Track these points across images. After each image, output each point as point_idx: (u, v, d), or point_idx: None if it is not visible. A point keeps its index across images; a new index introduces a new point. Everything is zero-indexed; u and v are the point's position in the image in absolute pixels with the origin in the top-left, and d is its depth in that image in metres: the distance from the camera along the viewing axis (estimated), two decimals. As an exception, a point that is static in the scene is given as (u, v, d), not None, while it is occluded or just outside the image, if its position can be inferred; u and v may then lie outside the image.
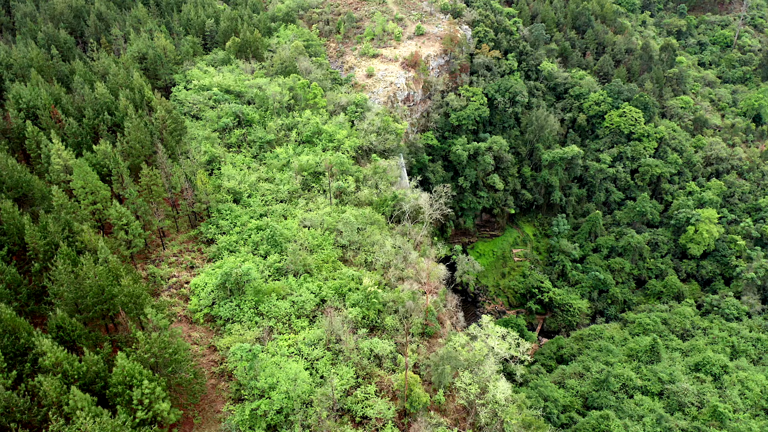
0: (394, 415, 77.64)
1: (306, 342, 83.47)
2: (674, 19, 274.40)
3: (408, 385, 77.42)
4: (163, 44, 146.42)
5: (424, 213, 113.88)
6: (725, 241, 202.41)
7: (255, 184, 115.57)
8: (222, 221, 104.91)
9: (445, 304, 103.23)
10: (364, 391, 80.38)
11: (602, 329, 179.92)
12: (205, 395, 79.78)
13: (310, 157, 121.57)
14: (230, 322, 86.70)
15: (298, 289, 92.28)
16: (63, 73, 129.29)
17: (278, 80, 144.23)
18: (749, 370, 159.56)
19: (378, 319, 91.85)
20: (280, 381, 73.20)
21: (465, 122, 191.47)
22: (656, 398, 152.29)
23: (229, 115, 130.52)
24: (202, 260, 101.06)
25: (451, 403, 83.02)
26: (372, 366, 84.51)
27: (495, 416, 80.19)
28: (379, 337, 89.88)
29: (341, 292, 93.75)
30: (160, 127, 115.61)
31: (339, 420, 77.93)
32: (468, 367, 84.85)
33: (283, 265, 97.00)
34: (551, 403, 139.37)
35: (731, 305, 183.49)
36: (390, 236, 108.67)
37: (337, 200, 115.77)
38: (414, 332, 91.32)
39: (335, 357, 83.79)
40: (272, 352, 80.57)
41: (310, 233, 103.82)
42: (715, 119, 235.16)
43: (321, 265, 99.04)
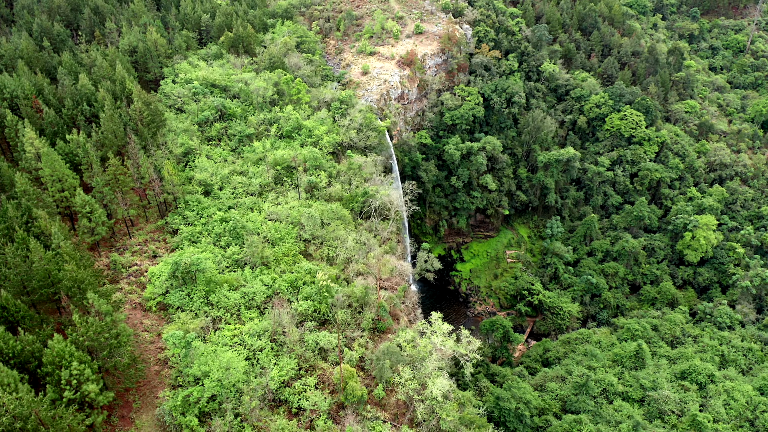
0: (329, 407, 78.42)
1: (250, 333, 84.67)
2: (687, 23, 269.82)
3: (343, 378, 78.15)
4: (154, 38, 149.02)
5: (390, 210, 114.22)
6: (724, 248, 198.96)
7: (227, 177, 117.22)
8: (188, 212, 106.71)
9: (403, 301, 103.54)
10: (303, 383, 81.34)
11: (590, 334, 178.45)
12: (146, 380, 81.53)
13: (286, 152, 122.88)
14: (181, 310, 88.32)
15: (251, 281, 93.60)
16: (51, 65, 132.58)
17: (264, 75, 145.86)
18: (737, 381, 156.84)
19: (330, 313, 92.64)
20: (213, 369, 74.47)
21: (459, 122, 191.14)
22: (636, 405, 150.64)
23: (210, 109, 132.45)
24: (165, 250, 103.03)
25: (391, 398, 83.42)
26: (316, 359, 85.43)
27: (432, 413, 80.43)
28: (329, 331, 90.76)
29: (296, 285, 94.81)
30: (137, 119, 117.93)
31: (275, 410, 79.02)
32: (410, 363, 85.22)
33: (242, 256, 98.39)
34: (523, 404, 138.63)
35: (724, 314, 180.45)
36: (355, 232, 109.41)
37: (308, 195, 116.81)
38: (365, 327, 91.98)
39: (280, 348, 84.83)
40: (214, 341, 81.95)
41: (273, 226, 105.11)
42: (722, 125, 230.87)
43: (280, 258, 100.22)
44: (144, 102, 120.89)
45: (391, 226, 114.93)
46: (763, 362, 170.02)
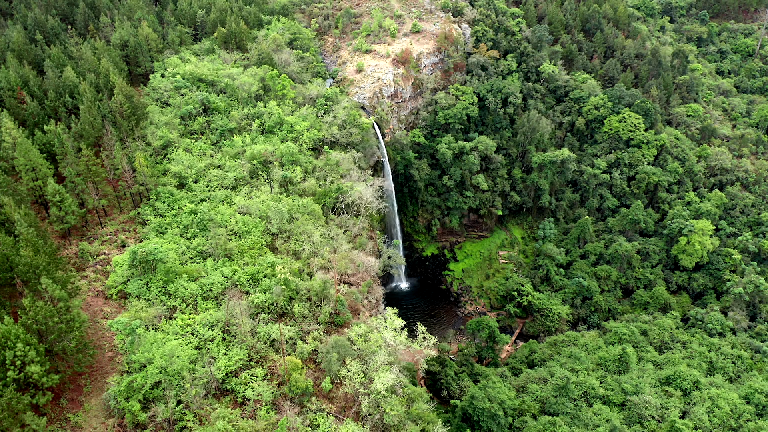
0: (272, 397, 79.54)
1: (203, 323, 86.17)
2: (695, 26, 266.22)
3: (287, 370, 79.22)
4: (145, 33, 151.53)
5: (360, 206, 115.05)
6: (720, 254, 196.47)
7: (203, 170, 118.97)
8: (159, 204, 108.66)
9: (366, 296, 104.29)
10: (251, 374, 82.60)
11: (577, 336, 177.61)
12: (99, 366, 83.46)
13: (263, 146, 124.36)
14: (139, 299, 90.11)
15: (211, 273, 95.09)
16: (41, 58, 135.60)
17: (251, 71, 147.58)
18: (723, 388, 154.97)
19: (288, 305, 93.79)
20: (156, 357, 76.01)
21: (452, 121, 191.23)
22: (617, 409, 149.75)
23: (194, 103, 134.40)
24: (135, 240, 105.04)
25: (339, 391, 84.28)
26: (268, 350, 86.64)
27: (377, 407, 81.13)
28: (286, 323, 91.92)
29: (256, 277, 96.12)
30: (117, 111, 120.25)
31: (221, 399, 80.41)
32: (359, 357, 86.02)
33: (206, 248, 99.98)
34: (497, 404, 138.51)
35: (715, 320, 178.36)
36: (324, 227, 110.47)
37: (283, 190, 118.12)
38: (322, 321, 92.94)
39: (232, 339, 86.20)
40: (165, 330, 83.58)
41: (241, 219, 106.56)
42: (725, 129, 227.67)
43: (245, 251, 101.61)
44: (125, 95, 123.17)
45: (362, 222, 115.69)
46: (751, 370, 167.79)
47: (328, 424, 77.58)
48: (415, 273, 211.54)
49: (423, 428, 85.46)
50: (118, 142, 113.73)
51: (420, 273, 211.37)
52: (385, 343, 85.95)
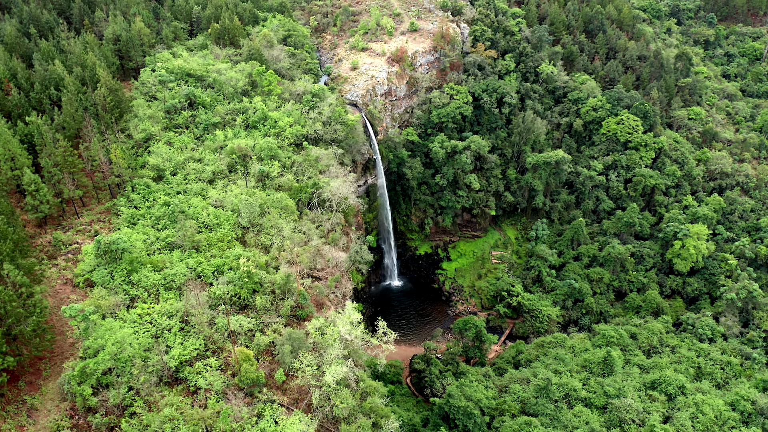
0: (222, 387, 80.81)
1: (161, 312, 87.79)
2: (703, 29, 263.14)
3: (238, 360, 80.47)
4: (138, 28, 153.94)
5: (332, 201, 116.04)
6: (716, 259, 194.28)
7: (183, 163, 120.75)
8: (135, 196, 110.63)
9: (333, 291, 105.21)
10: (206, 364, 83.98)
11: (564, 338, 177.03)
12: (61, 351, 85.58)
13: (245, 141, 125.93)
14: (103, 287, 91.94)
15: (177, 264, 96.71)
16: (32, 51, 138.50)
17: (239, 67, 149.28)
18: (709, 394, 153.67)
19: (251, 298, 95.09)
20: (108, 343, 77.71)
21: (445, 120, 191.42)
22: (598, 412, 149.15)
23: (180, 97, 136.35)
24: (108, 230, 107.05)
25: (292, 383, 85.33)
26: (225, 341, 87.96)
27: (328, 399, 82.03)
28: (247, 315, 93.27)
29: (221, 270, 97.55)
30: (101, 104, 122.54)
31: (174, 387, 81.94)
32: (314, 350, 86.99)
33: (175, 240, 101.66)
34: (473, 403, 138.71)
35: (705, 325, 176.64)
36: (296, 221, 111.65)
37: (260, 184, 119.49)
38: (283, 313, 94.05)
39: (191, 329, 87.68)
40: (124, 318, 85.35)
41: (213, 212, 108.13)
42: (728, 133, 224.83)
43: (214, 243, 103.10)
44: (109, 88, 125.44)
45: (335, 218, 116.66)
46: (740, 377, 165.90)
47: (276, 415, 78.60)
48: (408, 271, 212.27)
49: (375, 422, 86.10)
50: (98, 134, 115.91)
51: (413, 271, 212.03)
52: (340, 337, 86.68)
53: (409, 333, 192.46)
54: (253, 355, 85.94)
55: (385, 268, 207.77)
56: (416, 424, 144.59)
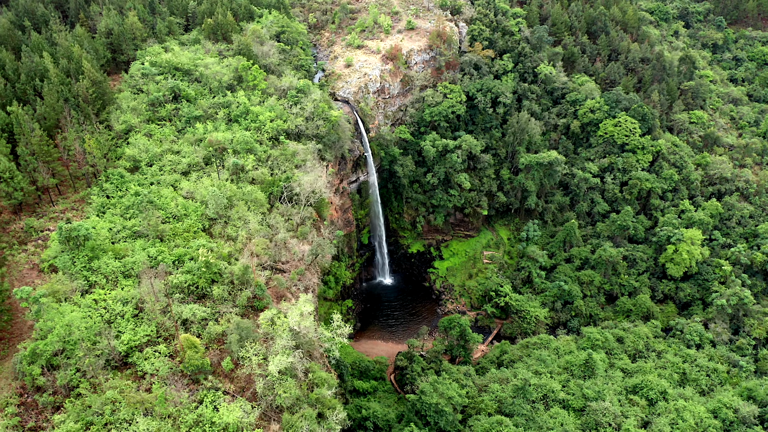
0: (168, 373, 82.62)
1: (116, 298, 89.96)
2: (711, 32, 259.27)
3: (183, 347, 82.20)
4: (131, 22, 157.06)
5: (301, 195, 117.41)
6: (711, 264, 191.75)
7: (160, 155, 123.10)
8: (108, 185, 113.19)
9: (295, 284, 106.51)
10: (155, 350, 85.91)
11: (549, 339, 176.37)
12: (19, 333, 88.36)
13: (223, 134, 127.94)
14: (64, 273, 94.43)
15: (138, 252, 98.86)
16: (24, 43, 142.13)
17: (225, 61, 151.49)
18: (691, 400, 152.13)
19: (209, 288, 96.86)
20: (57, 326, 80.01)
21: (437, 118, 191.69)
22: (576, 414, 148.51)
23: (165, 90, 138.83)
24: (79, 218, 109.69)
25: (240, 371, 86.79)
26: (180, 329, 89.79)
27: (272, 388, 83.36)
28: (204, 305, 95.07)
29: (182, 259, 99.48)
30: (82, 96, 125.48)
31: (123, 371, 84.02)
32: (264, 340, 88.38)
33: (141, 229, 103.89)
34: (445, 400, 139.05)
35: (693, 331, 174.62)
36: (266, 214, 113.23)
37: (234, 176, 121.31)
38: (239, 304, 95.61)
39: (145, 315, 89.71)
40: (78, 302, 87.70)
41: (182, 203, 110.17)
42: (730, 138, 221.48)
43: (180, 234, 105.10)
44: (92, 80, 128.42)
45: (304, 212, 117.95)
46: (725, 384, 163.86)
47: (217, 401, 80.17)
48: (400, 269, 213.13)
49: (321, 412, 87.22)
50: (77, 124, 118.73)
51: (405, 269, 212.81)
52: (289, 328, 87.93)
53: (397, 330, 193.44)
54: (202, 343, 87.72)
55: (377, 266, 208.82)
56: (391, 420, 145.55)
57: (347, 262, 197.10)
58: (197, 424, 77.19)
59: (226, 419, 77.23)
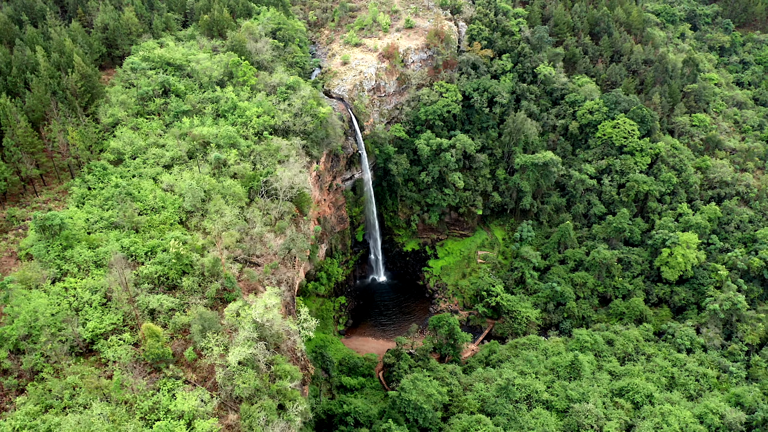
0: (129, 360, 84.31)
1: (86, 287, 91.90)
2: (718, 35, 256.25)
3: (144, 336, 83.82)
4: (127, 17, 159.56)
5: (279, 190, 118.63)
6: (707, 269, 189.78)
7: (144, 148, 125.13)
8: (90, 177, 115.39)
9: (268, 277, 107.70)
10: (120, 338, 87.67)
11: (538, 340, 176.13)
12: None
13: (209, 129, 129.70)
14: (38, 261, 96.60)
15: (113, 243, 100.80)
16: (19, 37, 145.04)
17: (217, 57, 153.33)
18: (678, 405, 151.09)
19: (179, 279, 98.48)
20: (22, 312, 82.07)
21: (432, 117, 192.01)
22: (559, 415, 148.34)
23: (155, 84, 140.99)
24: (61, 208, 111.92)
25: (203, 361, 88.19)
26: (145, 318, 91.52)
27: (231, 379, 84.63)
28: (174, 296, 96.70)
29: (155, 250, 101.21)
30: (71, 89, 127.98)
31: (87, 357, 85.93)
32: (228, 331, 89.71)
33: (117, 219, 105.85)
34: (424, 397, 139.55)
35: (684, 335, 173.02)
36: (244, 208, 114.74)
37: (216, 170, 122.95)
38: (209, 295, 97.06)
39: (113, 304, 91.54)
40: (47, 290, 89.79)
41: (160, 195, 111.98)
42: (732, 142, 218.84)
43: (156, 225, 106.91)
44: (82, 74, 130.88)
45: (284, 207, 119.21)
46: (714, 390, 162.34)
47: (174, 389, 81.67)
48: (394, 267, 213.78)
49: (282, 404, 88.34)
50: (63, 117, 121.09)
51: (399, 267, 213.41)
52: (253, 320, 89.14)
53: (389, 328, 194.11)
54: (167, 333, 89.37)
55: (371, 263, 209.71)
56: (372, 416, 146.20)
57: (341, 259, 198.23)
58: (153, 410, 78.67)
59: (181, 407, 78.62)
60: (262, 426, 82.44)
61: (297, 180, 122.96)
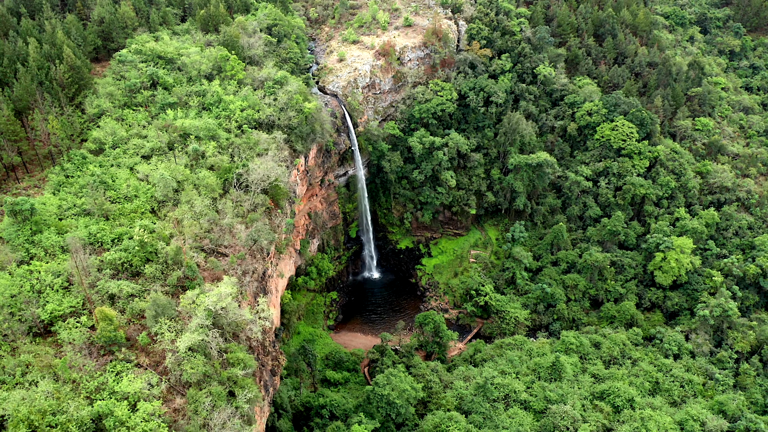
0: (83, 342, 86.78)
1: (49, 270, 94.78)
2: (729, 39, 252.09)
3: (97, 319, 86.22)
4: (123, 11, 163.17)
5: (249, 182, 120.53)
6: (702, 275, 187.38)
7: (127, 138, 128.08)
8: (68, 165, 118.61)
9: (233, 267, 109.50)
10: (78, 320, 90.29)
11: (524, 341, 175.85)
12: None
13: (191, 121, 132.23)
14: (9, 244, 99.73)
15: (81, 229, 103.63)
16: (15, 29, 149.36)
17: (206, 51, 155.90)
18: (659, 411, 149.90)
19: (143, 266, 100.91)
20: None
21: (425, 115, 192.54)
22: (536, 416, 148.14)
23: (144, 77, 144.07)
24: (39, 194, 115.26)
25: (157, 346, 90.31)
26: (106, 303, 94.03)
27: (180, 364, 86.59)
28: (136, 282, 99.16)
29: (122, 237, 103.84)
30: (59, 80, 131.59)
31: (45, 338, 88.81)
32: (184, 317, 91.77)
33: (89, 207, 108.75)
34: (397, 392, 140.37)
35: (672, 341, 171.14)
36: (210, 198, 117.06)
37: (194, 162, 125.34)
38: (170, 283, 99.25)
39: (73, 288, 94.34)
40: (11, 271, 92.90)
41: (134, 184, 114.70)
42: (736, 147, 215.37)
43: (126, 213, 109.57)
44: (71, 65, 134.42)
45: (257, 199, 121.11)
46: (698, 397, 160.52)
47: (121, 371, 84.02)
48: (388, 264, 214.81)
49: (232, 391, 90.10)
50: (48, 107, 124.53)
51: (393, 265, 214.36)
52: (206, 308, 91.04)
53: (378, 324, 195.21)
54: (125, 318, 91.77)
55: (364, 260, 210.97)
56: (348, 409, 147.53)
57: (333, 255, 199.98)
58: (98, 390, 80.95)
59: (126, 389, 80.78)
60: (208, 411, 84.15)
61: (272, 173, 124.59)
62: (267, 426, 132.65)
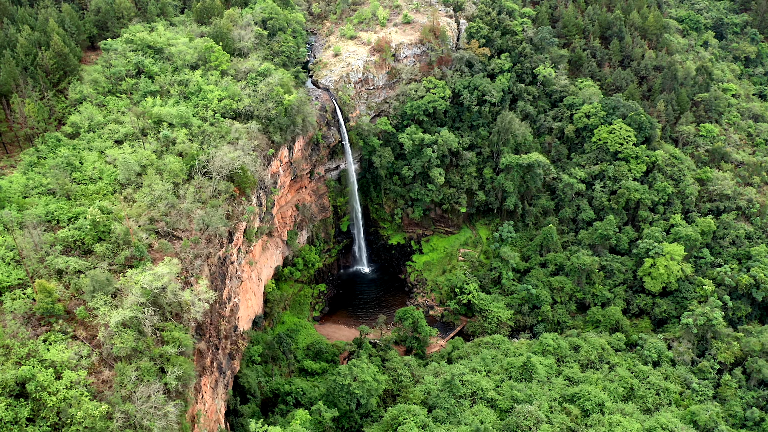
0: (23, 312, 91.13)
1: (2, 244, 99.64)
2: (745, 45, 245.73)
3: (36, 291, 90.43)
4: (120, 1, 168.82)
5: (214, 170, 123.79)
6: (693, 282, 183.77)
7: (104, 123, 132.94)
8: (42, 147, 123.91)
9: (185, 250, 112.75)
10: (23, 292, 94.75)
11: (502, 340, 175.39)
12: None
13: (167, 109, 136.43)
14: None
15: (42, 206, 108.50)
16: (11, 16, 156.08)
17: (193, 42, 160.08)
18: (630, 417, 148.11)
19: (95, 245, 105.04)
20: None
21: (416, 112, 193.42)
22: (502, 414, 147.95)
23: (130, 65, 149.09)
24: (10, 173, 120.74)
25: (95, 321, 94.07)
26: (53, 277, 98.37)
27: (111, 339, 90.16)
28: (87, 260, 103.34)
29: (78, 217, 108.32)
30: (44, 66, 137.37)
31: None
32: (120, 294, 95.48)
33: (53, 187, 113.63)
34: (358, 383, 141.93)
35: (653, 348, 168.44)
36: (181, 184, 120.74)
37: (164, 147, 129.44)
38: (117, 262, 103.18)
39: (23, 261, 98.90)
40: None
41: (99, 167, 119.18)
42: (741, 154, 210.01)
43: (89, 194, 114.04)
44: (57, 52, 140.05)
45: (220, 185, 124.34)
46: (673, 405, 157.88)
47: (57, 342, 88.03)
48: (379, 259, 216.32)
49: (163, 367, 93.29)
50: (29, 91, 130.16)
51: (384, 260, 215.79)
52: (141, 286, 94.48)
53: (363, 318, 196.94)
54: (65, 292, 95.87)
55: (355, 254, 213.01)
56: (314, 398, 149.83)
57: (322, 247, 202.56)
58: (28, 357, 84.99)
59: (54, 357, 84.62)
60: (134, 383, 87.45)
61: (238, 161, 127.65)
62: (229, 408, 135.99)
